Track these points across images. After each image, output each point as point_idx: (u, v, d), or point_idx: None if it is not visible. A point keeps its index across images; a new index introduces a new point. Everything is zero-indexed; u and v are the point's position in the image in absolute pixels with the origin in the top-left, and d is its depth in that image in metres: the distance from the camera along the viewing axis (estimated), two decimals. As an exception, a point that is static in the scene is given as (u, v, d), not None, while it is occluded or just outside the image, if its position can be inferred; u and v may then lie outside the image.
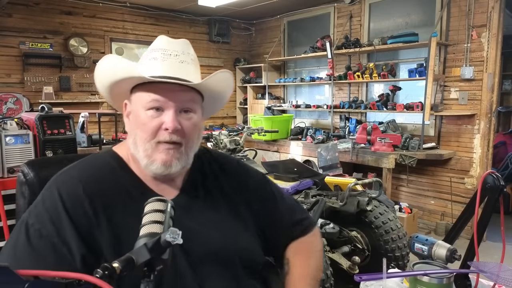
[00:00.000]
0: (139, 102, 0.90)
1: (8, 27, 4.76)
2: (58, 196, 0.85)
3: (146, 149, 0.89)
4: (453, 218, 4.22)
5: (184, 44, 0.95)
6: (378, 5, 4.99)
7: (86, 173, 0.91)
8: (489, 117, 4.00)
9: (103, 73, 0.93)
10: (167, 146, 0.89)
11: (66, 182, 0.88)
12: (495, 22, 3.85)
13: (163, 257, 0.64)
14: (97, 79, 0.96)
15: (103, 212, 0.85)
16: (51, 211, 0.83)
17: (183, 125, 0.89)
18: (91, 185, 0.88)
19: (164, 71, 0.89)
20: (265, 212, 1.04)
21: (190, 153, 0.93)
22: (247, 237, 0.99)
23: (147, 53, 0.94)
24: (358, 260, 2.54)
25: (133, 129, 0.92)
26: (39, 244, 0.80)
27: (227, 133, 3.56)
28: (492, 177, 1.05)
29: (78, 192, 0.86)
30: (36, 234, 0.81)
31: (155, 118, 0.88)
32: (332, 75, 5.09)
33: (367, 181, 2.83)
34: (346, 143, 4.42)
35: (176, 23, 6.05)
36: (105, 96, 1.00)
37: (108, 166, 0.94)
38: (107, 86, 0.95)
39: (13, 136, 2.82)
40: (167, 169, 0.89)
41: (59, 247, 0.80)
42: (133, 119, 0.93)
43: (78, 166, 0.94)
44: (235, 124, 6.77)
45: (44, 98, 4.85)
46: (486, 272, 0.94)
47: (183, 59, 0.92)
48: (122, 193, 0.90)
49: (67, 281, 0.53)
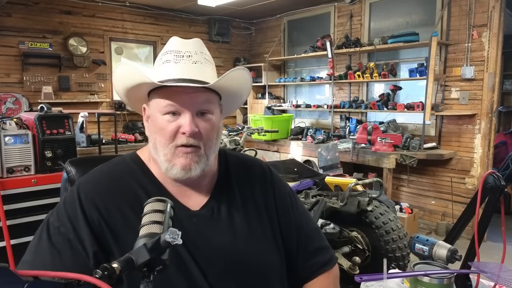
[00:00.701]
0: (155, 107, 0.91)
1: (7, 26, 4.75)
2: (77, 197, 0.89)
3: (165, 154, 0.90)
4: (454, 218, 4.22)
5: (197, 43, 0.94)
6: (378, 4, 4.99)
7: (105, 180, 0.93)
8: (489, 117, 4.00)
9: (120, 80, 0.95)
10: (185, 150, 0.89)
11: (86, 186, 0.91)
12: (495, 21, 3.85)
13: (163, 258, 0.64)
14: (115, 86, 0.98)
15: (116, 217, 0.88)
16: (69, 211, 0.88)
17: (201, 127, 0.89)
18: (108, 192, 0.90)
19: (177, 73, 0.88)
20: (289, 224, 1.02)
21: (210, 155, 0.93)
22: (270, 249, 0.97)
23: (160, 56, 0.93)
24: (358, 261, 2.54)
25: (152, 133, 0.93)
26: (57, 240, 0.84)
27: (227, 133, 3.56)
28: (492, 177, 1.05)
29: (95, 197, 0.89)
30: (55, 231, 0.86)
31: (172, 123, 0.88)
32: (332, 74, 5.09)
33: (367, 181, 2.83)
34: (347, 143, 4.42)
35: (175, 23, 6.05)
36: (125, 101, 1.02)
37: (129, 170, 0.96)
38: (124, 92, 0.97)
39: (13, 136, 2.82)
40: (187, 173, 0.90)
41: (75, 243, 0.84)
42: (151, 123, 0.93)
43: (100, 170, 0.97)
44: (235, 124, 6.76)
45: (43, 98, 4.85)
46: (486, 273, 0.94)
47: (196, 59, 0.90)
48: (139, 198, 0.90)
49: (67, 281, 0.53)
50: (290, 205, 1.04)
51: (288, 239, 1.01)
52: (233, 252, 0.91)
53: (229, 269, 0.90)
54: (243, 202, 0.99)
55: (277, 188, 1.05)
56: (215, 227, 0.93)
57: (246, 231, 0.95)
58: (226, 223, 0.94)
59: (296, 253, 1.01)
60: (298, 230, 1.03)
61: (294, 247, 1.01)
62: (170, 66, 0.89)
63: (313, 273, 1.02)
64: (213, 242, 0.91)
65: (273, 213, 1.01)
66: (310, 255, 1.03)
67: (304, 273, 1.02)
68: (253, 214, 0.98)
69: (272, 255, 0.97)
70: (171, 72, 0.89)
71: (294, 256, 1.01)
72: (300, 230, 1.03)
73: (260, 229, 0.97)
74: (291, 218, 1.03)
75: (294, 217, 1.04)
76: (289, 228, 1.01)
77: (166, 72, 0.89)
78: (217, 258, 0.90)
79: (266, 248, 0.96)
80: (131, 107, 1.05)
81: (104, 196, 0.89)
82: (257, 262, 0.93)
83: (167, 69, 0.89)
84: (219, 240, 0.91)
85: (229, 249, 0.91)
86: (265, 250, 0.96)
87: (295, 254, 1.01)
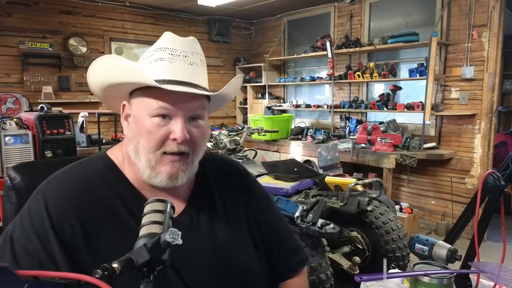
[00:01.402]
0: (143, 108, 0.82)
1: (7, 26, 4.75)
2: (44, 209, 0.79)
3: (149, 160, 0.82)
4: (454, 218, 4.22)
5: (193, 42, 0.86)
6: (378, 4, 4.99)
7: (75, 186, 0.84)
8: (489, 117, 4.00)
9: (103, 73, 0.86)
10: (172, 158, 0.82)
11: (54, 195, 0.81)
12: (495, 21, 3.85)
13: (163, 258, 0.64)
14: (95, 78, 0.88)
15: (90, 228, 0.80)
16: (36, 225, 0.78)
17: (192, 133, 0.83)
18: (79, 201, 0.81)
19: (172, 74, 0.81)
20: (269, 228, 1.01)
21: (196, 162, 0.88)
22: (252, 254, 0.95)
23: (151, 52, 0.85)
24: (358, 261, 2.54)
25: (135, 135, 0.84)
26: (25, 260, 0.75)
27: (227, 133, 3.56)
28: (492, 177, 1.05)
29: (66, 208, 0.80)
30: (22, 250, 0.76)
31: (162, 127, 0.81)
32: (332, 74, 5.09)
33: (367, 181, 2.83)
34: (347, 143, 4.41)
35: (175, 23, 6.05)
36: (99, 96, 0.92)
37: (102, 175, 0.87)
38: (105, 86, 0.87)
39: (13, 136, 2.83)
40: (172, 182, 0.84)
41: (47, 265, 0.75)
42: (134, 124, 0.85)
43: (67, 174, 0.87)
44: (235, 124, 6.77)
45: (44, 98, 4.85)
46: (486, 273, 0.94)
47: (192, 61, 0.84)
48: (114, 208, 0.84)
49: (67, 281, 0.53)
50: (268, 209, 1.04)
51: (268, 242, 1.00)
52: (217, 260, 0.87)
53: (214, 278, 0.86)
54: (223, 207, 0.95)
55: (254, 192, 1.03)
56: (195, 235, 0.88)
57: (227, 238, 0.91)
58: (207, 231, 0.90)
59: (277, 255, 1.01)
60: (277, 233, 1.03)
61: (275, 250, 1.01)
62: (164, 64, 0.82)
63: (291, 273, 1.04)
64: (195, 251, 0.86)
65: (252, 217, 0.99)
66: (289, 256, 1.04)
67: (283, 273, 1.03)
68: (233, 219, 0.95)
69: (255, 259, 0.95)
70: (165, 72, 0.81)
71: (275, 258, 1.01)
72: (278, 232, 1.03)
73: (240, 234, 0.95)
74: (270, 222, 1.02)
75: (273, 220, 1.04)
76: (269, 231, 1.01)
77: (159, 71, 0.82)
78: (201, 268, 0.85)
79: (249, 254, 0.94)
80: (105, 104, 0.96)
81: (76, 207, 0.80)
82: (241, 269, 0.91)
83: (160, 67, 0.82)
84: (202, 249, 0.87)
85: (212, 257, 0.87)
86: (248, 256, 0.94)
87: (276, 256, 1.01)
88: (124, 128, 0.89)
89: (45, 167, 0.95)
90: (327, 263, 2.26)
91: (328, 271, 2.22)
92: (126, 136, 0.88)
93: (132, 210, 0.84)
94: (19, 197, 1.02)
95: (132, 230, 0.76)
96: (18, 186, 1.03)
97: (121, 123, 0.90)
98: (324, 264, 2.21)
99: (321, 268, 2.17)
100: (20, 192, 1.02)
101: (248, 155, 3.47)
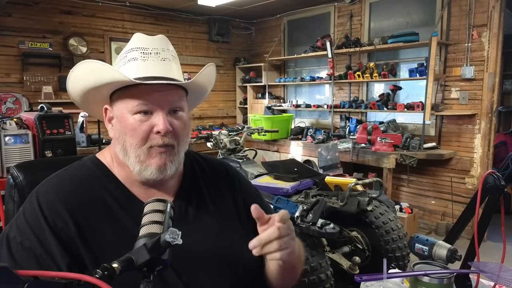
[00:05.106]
0: (124, 107, 0.86)
1: (7, 26, 4.75)
2: (39, 209, 0.81)
3: (138, 155, 0.86)
4: (454, 218, 4.22)
5: (163, 40, 0.90)
6: (378, 4, 4.99)
7: (67, 186, 0.87)
8: (489, 117, 4.00)
9: (80, 80, 0.89)
10: (160, 150, 0.86)
11: (46, 196, 0.84)
12: (495, 21, 3.85)
13: (163, 258, 0.64)
14: (74, 85, 0.91)
15: (84, 225, 0.82)
16: (31, 222, 0.80)
17: (174, 125, 0.87)
18: (72, 199, 0.84)
19: (146, 71, 0.85)
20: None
21: (182, 153, 0.92)
22: (239, 239, 0.95)
23: (124, 54, 0.89)
24: (358, 261, 2.54)
25: (121, 135, 0.87)
26: (21, 255, 0.77)
27: (227, 133, 3.56)
28: (492, 177, 1.05)
29: (58, 205, 0.82)
30: (18, 247, 0.78)
31: (144, 122, 0.85)
32: (332, 74, 5.09)
33: (367, 181, 2.83)
34: (347, 143, 4.41)
35: (175, 23, 6.05)
36: (79, 103, 0.96)
37: (92, 174, 0.91)
38: (85, 92, 0.90)
39: (13, 136, 2.82)
40: (162, 173, 0.87)
41: (43, 258, 0.77)
42: (118, 125, 0.88)
43: (59, 175, 0.90)
44: (235, 124, 6.76)
45: (44, 97, 4.85)
46: (486, 272, 0.94)
47: (164, 57, 0.88)
48: (105, 202, 0.86)
49: (67, 281, 0.53)
50: (257, 199, 1.06)
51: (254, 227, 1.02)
52: (207, 248, 0.89)
53: (206, 265, 0.87)
54: (212, 200, 0.98)
55: (243, 185, 1.07)
56: (183, 223, 0.88)
57: (216, 227, 0.94)
58: (195, 223, 0.92)
59: None
60: None
61: None
62: (137, 63, 0.86)
63: None
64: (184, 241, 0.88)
65: (243, 209, 1.01)
66: None
67: None
68: (224, 212, 0.98)
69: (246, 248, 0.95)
70: (139, 70, 0.85)
71: None
72: None
73: (232, 226, 0.97)
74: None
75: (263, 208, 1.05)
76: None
77: (133, 70, 0.85)
78: (191, 257, 0.86)
79: (239, 241, 0.94)
80: (86, 110, 1.00)
81: (67, 203, 0.83)
82: (232, 255, 0.91)
83: (134, 67, 0.86)
84: (192, 238, 0.87)
85: (202, 246, 0.89)
86: (239, 244, 0.93)
87: None
88: (109, 131, 0.93)
89: (47, 166, 0.97)
90: (327, 263, 2.26)
91: (328, 271, 2.22)
92: (113, 137, 0.91)
93: (124, 206, 0.87)
94: (22, 196, 1.03)
95: (124, 222, 0.84)
96: (20, 184, 1.05)
97: (106, 127, 0.94)
98: (324, 264, 2.21)
99: (321, 268, 2.17)
100: (23, 190, 1.04)
101: (248, 155, 3.46)
